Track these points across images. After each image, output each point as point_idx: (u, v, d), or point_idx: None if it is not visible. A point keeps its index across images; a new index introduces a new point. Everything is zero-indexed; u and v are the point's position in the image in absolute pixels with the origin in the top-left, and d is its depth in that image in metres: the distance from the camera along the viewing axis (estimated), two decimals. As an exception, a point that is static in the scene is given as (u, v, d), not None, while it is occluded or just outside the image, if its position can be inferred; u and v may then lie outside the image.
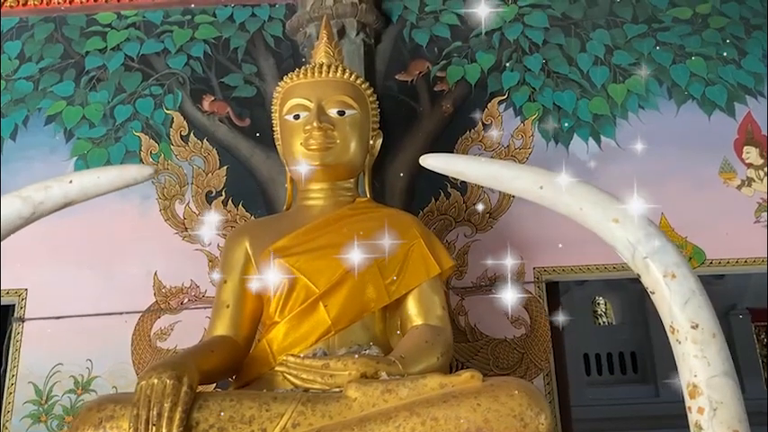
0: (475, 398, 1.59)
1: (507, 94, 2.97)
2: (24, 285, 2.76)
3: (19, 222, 1.40)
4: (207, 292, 2.74)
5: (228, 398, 1.64)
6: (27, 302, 2.75)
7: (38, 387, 2.65)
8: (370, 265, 2.01)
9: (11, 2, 3.21)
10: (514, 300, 2.64)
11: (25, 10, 3.21)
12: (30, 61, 3.13)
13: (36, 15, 3.20)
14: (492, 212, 2.79)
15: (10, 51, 3.16)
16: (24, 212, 1.39)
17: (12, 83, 3.10)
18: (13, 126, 3.02)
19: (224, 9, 3.17)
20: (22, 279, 2.73)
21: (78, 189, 1.41)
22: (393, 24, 3.11)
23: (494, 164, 1.60)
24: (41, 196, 1.39)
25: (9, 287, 2.73)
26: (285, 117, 2.26)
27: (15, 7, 3.21)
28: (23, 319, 2.74)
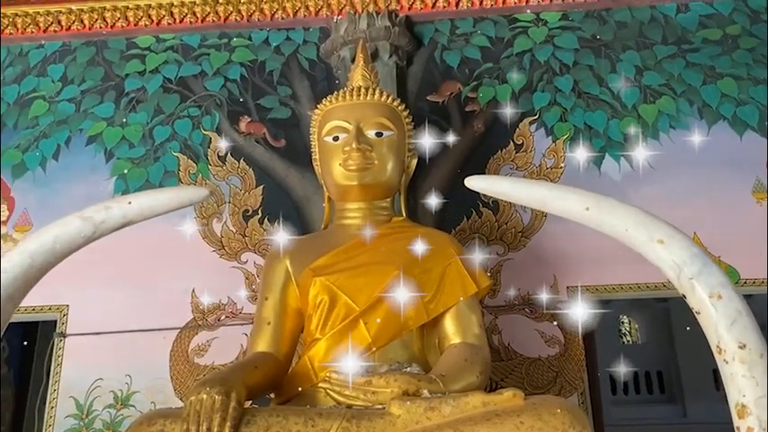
0: (518, 416, 1.61)
1: (538, 115, 3.01)
2: (66, 302, 2.83)
3: (80, 241, 1.46)
4: (243, 309, 2.80)
5: (275, 413, 1.68)
6: (68, 318, 2.82)
7: (78, 402, 2.71)
8: (407, 283, 2.05)
9: (54, 26, 3.32)
10: (548, 319, 2.65)
11: (68, 34, 3.32)
12: (72, 83, 3.24)
13: (78, 39, 3.31)
14: (524, 231, 2.82)
15: (53, 74, 3.26)
16: (86, 232, 1.44)
17: (55, 104, 3.20)
18: (56, 146, 3.12)
19: (259, 32, 3.26)
20: (64, 295, 2.79)
21: (137, 210, 1.47)
22: (425, 47, 3.17)
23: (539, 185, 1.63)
24: (102, 216, 1.45)
25: (51, 303, 2.80)
26: (324, 139, 2.32)
27: (59, 32, 3.32)
28: (65, 334, 2.80)
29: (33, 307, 2.82)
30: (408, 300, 2.03)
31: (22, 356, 4.77)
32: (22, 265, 1.43)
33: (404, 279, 2.03)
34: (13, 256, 1.44)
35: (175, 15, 3.25)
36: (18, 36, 3.32)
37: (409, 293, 2.03)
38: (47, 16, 3.32)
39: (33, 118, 3.17)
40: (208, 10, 3.24)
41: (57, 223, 1.46)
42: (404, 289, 2.03)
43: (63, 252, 1.45)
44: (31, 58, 3.30)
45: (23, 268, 1.43)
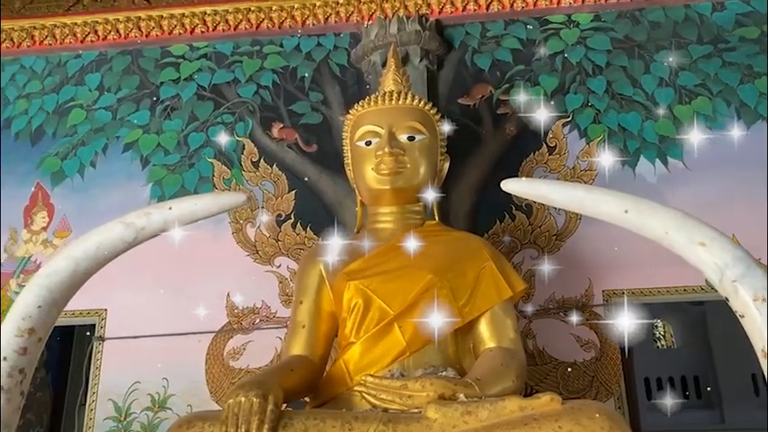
0: (556, 420, 1.60)
1: (571, 117, 2.99)
2: (104, 306, 2.89)
3: (122, 247, 1.49)
4: (277, 313, 2.82)
5: (312, 416, 1.69)
6: (107, 322, 2.88)
7: (117, 404, 2.76)
8: (442, 287, 2.05)
9: (91, 36, 3.40)
10: (583, 323, 2.63)
11: (105, 44, 3.39)
12: (108, 92, 3.30)
13: (114, 49, 3.38)
14: (558, 234, 2.79)
15: (90, 83, 3.34)
16: (127, 237, 1.47)
17: (92, 113, 3.27)
18: (94, 154, 3.19)
19: (291, 39, 3.29)
20: (102, 300, 2.85)
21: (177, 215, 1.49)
22: (455, 50, 3.17)
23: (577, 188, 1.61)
24: (143, 222, 1.48)
25: (90, 307, 2.86)
26: (356, 143, 2.33)
27: (96, 41, 3.39)
28: (103, 338, 2.86)
29: (72, 311, 2.87)
30: (443, 304, 2.03)
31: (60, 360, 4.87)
32: (66, 270, 1.46)
33: (438, 283, 2.03)
34: (58, 261, 1.48)
35: (208, 24, 3.30)
36: (57, 46, 3.40)
37: (443, 297, 2.03)
38: (84, 27, 3.40)
39: (72, 126, 3.25)
40: (240, 18, 3.28)
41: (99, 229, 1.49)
42: (438, 293, 2.03)
43: (105, 257, 1.48)
44: (69, 67, 3.38)
45: (68, 273, 1.46)
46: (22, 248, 3.07)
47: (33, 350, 1.45)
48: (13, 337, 1.45)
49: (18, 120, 3.30)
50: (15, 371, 1.43)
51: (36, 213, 3.12)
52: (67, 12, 3.41)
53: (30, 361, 1.46)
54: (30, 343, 1.44)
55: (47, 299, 1.45)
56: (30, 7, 3.45)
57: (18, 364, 1.44)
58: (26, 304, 1.47)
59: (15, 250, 3.08)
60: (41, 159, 3.20)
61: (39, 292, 1.46)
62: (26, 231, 3.10)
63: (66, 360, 4.92)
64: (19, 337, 1.45)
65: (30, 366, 1.46)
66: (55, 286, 1.45)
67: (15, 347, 1.43)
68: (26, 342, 1.45)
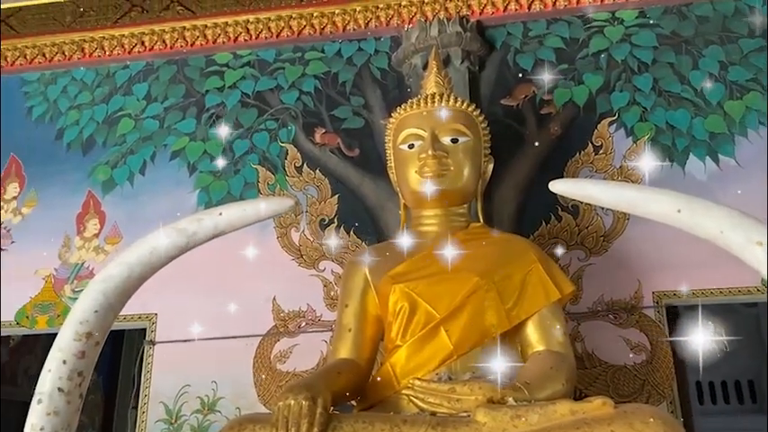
0: (608, 425, 1.57)
1: (617, 115, 2.93)
2: (154, 310, 2.94)
3: (175, 252, 1.52)
4: (322, 316, 2.84)
5: (361, 420, 1.70)
6: (157, 326, 2.94)
7: (168, 407, 2.81)
8: (489, 290, 2.04)
9: (138, 47, 3.48)
10: (633, 325, 2.57)
11: (151, 54, 3.47)
12: (156, 101, 3.38)
13: (160, 59, 3.46)
14: (606, 235, 2.74)
15: (138, 93, 3.42)
16: (179, 243, 1.51)
17: (140, 122, 3.35)
18: (143, 162, 3.26)
19: (332, 45, 3.31)
20: (152, 304, 2.90)
21: (227, 221, 1.52)
22: (497, 50, 3.15)
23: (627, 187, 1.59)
24: (195, 228, 1.51)
25: (140, 312, 2.92)
26: (399, 147, 2.33)
27: (142, 52, 3.48)
28: (154, 342, 2.92)
29: (124, 316, 2.90)
30: (490, 307, 2.02)
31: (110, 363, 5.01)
32: (121, 275, 1.50)
33: (484, 286, 2.02)
34: (114, 267, 1.52)
35: (251, 32, 3.35)
36: (105, 58, 3.49)
37: (490, 300, 2.02)
38: (131, 38, 3.49)
39: (121, 135, 3.33)
40: (282, 25, 3.32)
41: (153, 235, 1.53)
42: (485, 296, 2.02)
43: (159, 263, 1.52)
44: (117, 78, 3.47)
45: (123, 279, 1.50)
46: (75, 255, 3.17)
47: (91, 354, 1.50)
48: (72, 341, 1.50)
49: (70, 130, 3.40)
50: (74, 374, 1.48)
51: (88, 221, 3.21)
52: (115, 24, 3.50)
53: (88, 364, 1.51)
54: (87, 347, 1.49)
55: (103, 304, 1.50)
56: (80, 20, 3.56)
57: (77, 367, 1.49)
58: (83, 309, 1.51)
59: (69, 257, 3.17)
60: (92, 168, 3.29)
61: (95, 297, 1.50)
62: (79, 238, 3.19)
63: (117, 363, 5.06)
64: (77, 341, 1.49)
65: (88, 369, 1.51)
66: (111, 291, 1.50)
67: (74, 351, 1.48)
68: (84, 346, 1.49)
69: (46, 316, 3.07)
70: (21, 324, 3.07)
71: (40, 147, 3.38)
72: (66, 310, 3.03)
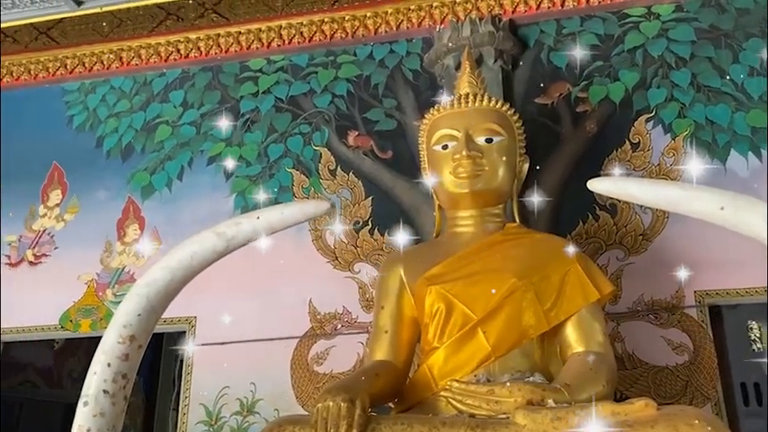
0: (651, 427, 1.55)
1: (655, 112, 2.88)
2: (194, 313, 2.99)
3: (214, 256, 1.55)
4: (358, 318, 2.85)
5: (400, 421, 1.70)
6: (196, 329, 2.99)
7: (208, 409, 2.85)
8: (526, 291, 2.02)
9: (174, 55, 3.55)
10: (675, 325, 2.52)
11: (186, 61, 3.53)
12: (192, 108, 3.43)
13: (196, 66, 3.52)
14: (645, 234, 2.70)
15: (174, 100, 3.48)
16: (219, 247, 1.53)
17: (177, 128, 3.41)
18: (180, 167, 3.32)
19: (364, 47, 3.32)
20: (192, 307, 2.94)
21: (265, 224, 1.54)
22: (530, 49, 3.12)
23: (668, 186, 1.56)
24: (233, 232, 1.53)
25: (181, 315, 2.97)
26: (433, 148, 2.32)
27: (178, 60, 3.54)
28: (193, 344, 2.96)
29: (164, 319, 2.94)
30: (528, 308, 2.00)
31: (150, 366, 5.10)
32: (163, 279, 1.53)
33: (522, 286, 2.00)
34: (155, 271, 1.55)
35: (284, 37, 3.38)
36: (142, 66, 3.56)
37: (528, 301, 2.00)
38: (167, 46, 3.55)
39: (159, 142, 3.40)
40: (314, 29, 3.35)
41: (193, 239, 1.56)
42: (522, 297, 2.00)
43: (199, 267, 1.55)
44: (154, 85, 3.54)
45: (164, 283, 1.53)
46: (116, 260, 3.24)
47: (134, 356, 1.53)
48: (116, 344, 1.53)
49: (109, 138, 3.48)
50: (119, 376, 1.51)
51: (128, 226, 3.28)
52: (151, 33, 3.57)
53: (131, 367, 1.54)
54: (131, 350, 1.52)
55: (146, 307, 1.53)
56: (117, 30, 3.64)
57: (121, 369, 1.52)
58: (127, 313, 1.55)
59: (110, 262, 3.24)
60: (132, 175, 3.36)
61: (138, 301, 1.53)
62: (119, 243, 3.26)
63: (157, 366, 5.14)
64: (121, 344, 1.53)
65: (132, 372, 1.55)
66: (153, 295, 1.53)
67: (118, 354, 1.51)
68: (128, 349, 1.53)
69: (89, 320, 3.14)
70: (65, 328, 3.15)
71: (81, 154, 3.47)
72: (108, 314, 3.10)
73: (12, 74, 3.70)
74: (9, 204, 3.46)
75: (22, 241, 3.39)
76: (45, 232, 3.38)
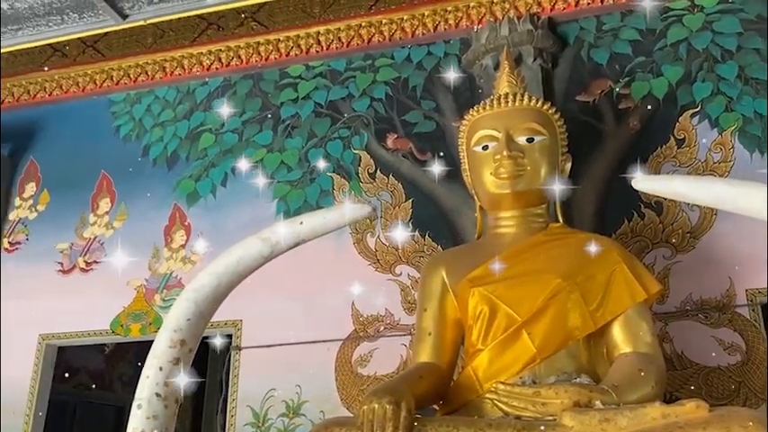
0: (703, 429, 1.52)
1: (700, 106, 2.82)
2: (240, 317, 3.04)
3: (260, 261, 1.58)
4: (401, 320, 2.86)
5: (445, 424, 1.70)
6: (243, 332, 3.04)
7: (255, 410, 2.90)
8: (571, 291, 1.99)
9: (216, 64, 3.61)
10: (726, 324, 2.46)
11: (228, 70, 3.60)
12: (234, 115, 3.49)
13: (237, 74, 3.58)
14: (693, 232, 2.64)
15: (217, 108, 3.54)
16: (264, 252, 1.56)
17: (220, 136, 3.48)
18: (224, 174, 3.38)
19: (401, 50, 3.34)
20: (238, 311, 2.97)
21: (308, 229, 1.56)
22: (570, 46, 3.09)
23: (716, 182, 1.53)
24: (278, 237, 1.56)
25: (227, 319, 3.02)
26: (473, 149, 2.31)
27: (220, 68, 3.61)
28: (240, 347, 3.02)
29: (211, 323, 3.01)
30: (573, 309, 1.98)
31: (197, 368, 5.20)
32: (210, 284, 1.57)
33: (567, 287, 1.98)
34: (204, 277, 1.59)
35: (323, 43, 3.42)
36: (185, 76, 3.65)
37: (573, 302, 1.98)
38: (209, 55, 3.63)
39: (202, 149, 3.47)
40: (352, 34, 3.37)
41: (239, 245, 1.59)
42: (567, 298, 1.98)
43: (245, 272, 1.58)
44: (197, 94, 3.62)
45: (212, 288, 1.57)
46: (164, 265, 3.31)
47: (185, 360, 1.57)
48: (167, 348, 1.57)
49: (155, 146, 3.57)
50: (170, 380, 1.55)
51: (175, 232, 3.36)
52: (193, 42, 3.65)
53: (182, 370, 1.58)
54: (182, 353, 1.56)
55: (195, 312, 1.57)
56: (160, 41, 3.72)
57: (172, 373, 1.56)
58: (177, 317, 1.59)
59: (158, 267, 3.32)
60: (177, 182, 3.43)
61: (187, 306, 1.57)
62: (167, 249, 3.34)
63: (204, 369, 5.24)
64: (172, 348, 1.57)
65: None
66: (201, 300, 1.56)
67: (170, 358, 1.55)
68: (178, 353, 1.57)
69: (139, 324, 3.23)
70: (116, 332, 3.24)
71: (128, 163, 3.56)
72: (156, 319, 3.18)
73: (61, 87, 3.83)
74: (60, 213, 3.57)
75: (74, 249, 3.50)
76: (95, 239, 3.48)
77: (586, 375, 1.92)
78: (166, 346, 1.56)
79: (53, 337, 3.32)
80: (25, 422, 3.18)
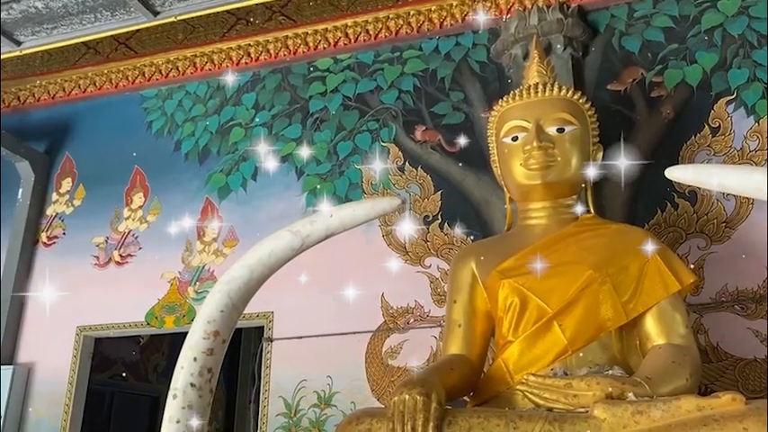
0: (740, 422, 1.50)
1: (735, 94, 2.76)
2: (271, 308, 3.07)
3: (291, 254, 1.59)
4: (431, 312, 2.86)
5: (476, 415, 1.70)
6: (274, 324, 3.07)
7: (287, 401, 2.93)
8: (603, 283, 1.97)
9: (245, 59, 3.65)
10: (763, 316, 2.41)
11: (257, 65, 3.63)
12: (263, 109, 3.53)
13: (266, 68, 3.61)
14: (728, 222, 2.59)
15: (246, 102, 3.58)
16: (295, 245, 1.57)
17: (250, 130, 3.51)
18: (254, 168, 3.42)
19: (429, 41, 3.32)
20: (269, 303, 3.03)
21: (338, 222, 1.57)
22: (601, 34, 3.04)
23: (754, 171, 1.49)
24: (308, 230, 1.58)
25: (259, 310, 3.05)
26: (503, 140, 2.30)
27: (249, 63, 3.64)
28: (272, 339, 3.05)
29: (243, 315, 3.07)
30: (605, 300, 1.96)
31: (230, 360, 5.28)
32: (243, 276, 1.59)
33: (599, 279, 1.96)
34: (236, 269, 1.61)
35: (350, 36, 3.42)
36: (215, 71, 3.69)
37: (605, 294, 1.96)
38: (238, 50, 3.66)
39: (233, 144, 3.51)
40: (380, 26, 3.37)
41: (270, 238, 1.61)
42: (599, 289, 1.96)
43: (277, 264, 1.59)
44: (227, 89, 3.65)
45: (245, 280, 1.59)
46: (196, 258, 3.37)
47: (218, 351, 1.60)
48: (201, 340, 1.60)
49: (187, 141, 3.62)
50: (204, 370, 1.58)
51: (207, 226, 3.41)
52: (223, 38, 3.68)
53: (216, 361, 1.61)
54: (215, 344, 1.59)
55: (228, 304, 1.59)
56: (190, 37, 3.77)
57: (206, 363, 1.59)
58: (210, 309, 1.61)
59: (191, 260, 3.38)
60: (209, 176, 3.48)
61: (221, 298, 1.60)
62: (199, 242, 3.39)
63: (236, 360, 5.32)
64: (206, 339, 1.60)
65: (216, 366, 1.61)
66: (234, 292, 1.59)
67: (203, 349, 1.58)
68: (212, 344, 1.59)
69: (173, 316, 3.28)
70: (150, 324, 3.31)
71: (161, 158, 3.62)
72: (190, 311, 3.23)
73: (95, 84, 3.90)
74: (96, 208, 3.65)
75: (109, 243, 3.57)
76: (130, 233, 3.55)
77: (619, 367, 1.91)
78: (200, 337, 1.59)
79: (90, 329, 3.40)
80: (65, 411, 3.27)
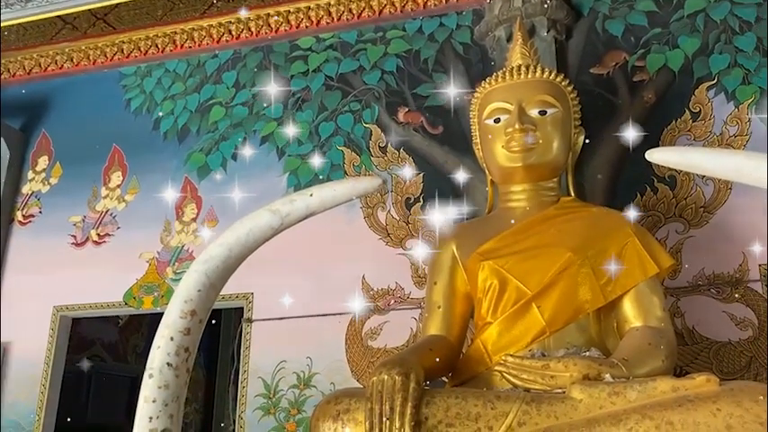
0: (714, 402, 1.51)
1: (716, 79, 2.77)
2: (251, 290, 3.06)
3: (270, 233, 1.58)
4: (411, 294, 2.87)
5: (454, 395, 1.70)
6: (254, 305, 3.06)
7: (266, 382, 2.93)
8: (582, 265, 1.99)
9: (226, 36, 3.59)
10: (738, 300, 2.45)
11: (238, 42, 3.57)
12: (244, 88, 3.48)
13: (247, 46, 3.55)
14: (707, 206, 2.61)
15: (227, 81, 3.53)
16: (274, 224, 1.56)
17: (230, 109, 3.46)
18: (234, 147, 3.38)
19: (413, 22, 3.29)
20: (249, 284, 3.01)
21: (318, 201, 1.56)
22: (584, 17, 3.03)
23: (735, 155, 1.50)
24: (287, 209, 1.56)
25: (238, 291, 3.04)
26: (485, 122, 2.29)
27: (230, 41, 3.59)
28: (251, 320, 3.04)
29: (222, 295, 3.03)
30: (583, 282, 1.97)
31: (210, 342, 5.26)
32: (221, 256, 1.57)
33: (577, 261, 1.97)
34: (214, 248, 1.59)
35: (333, 14, 3.38)
36: (195, 48, 3.63)
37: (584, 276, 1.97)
38: (219, 28, 3.60)
39: (213, 123, 3.46)
40: (363, 5, 3.33)
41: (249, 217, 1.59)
42: (578, 271, 1.97)
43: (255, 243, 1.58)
44: (207, 67, 3.60)
45: (222, 259, 1.57)
46: (175, 239, 3.33)
47: (195, 330, 1.58)
48: (178, 319, 1.58)
49: (166, 120, 3.57)
50: (181, 349, 1.56)
51: (186, 206, 3.37)
52: (203, 15, 3.62)
53: (193, 341, 1.59)
54: (192, 324, 1.57)
55: (205, 283, 1.57)
56: (170, 14, 3.70)
57: (183, 343, 1.57)
58: (187, 288, 1.60)
59: (170, 240, 3.34)
60: (188, 155, 3.44)
61: (198, 277, 1.58)
62: (178, 223, 3.36)
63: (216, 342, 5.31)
64: (183, 319, 1.58)
65: (193, 346, 1.60)
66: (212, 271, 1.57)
67: (180, 328, 1.56)
68: (189, 323, 1.58)
69: (151, 297, 3.26)
70: (128, 304, 3.28)
71: (140, 137, 3.57)
72: (169, 291, 3.21)
73: (72, 60, 3.82)
74: (73, 186, 3.59)
75: (86, 222, 3.52)
76: (107, 213, 3.50)
77: (596, 349, 1.93)
78: (177, 316, 1.57)
79: (67, 309, 3.36)
80: (41, 392, 3.24)
